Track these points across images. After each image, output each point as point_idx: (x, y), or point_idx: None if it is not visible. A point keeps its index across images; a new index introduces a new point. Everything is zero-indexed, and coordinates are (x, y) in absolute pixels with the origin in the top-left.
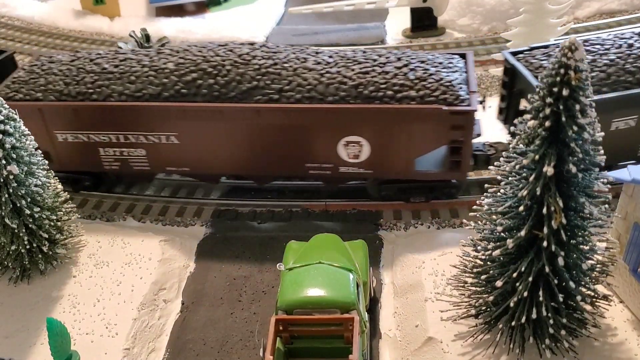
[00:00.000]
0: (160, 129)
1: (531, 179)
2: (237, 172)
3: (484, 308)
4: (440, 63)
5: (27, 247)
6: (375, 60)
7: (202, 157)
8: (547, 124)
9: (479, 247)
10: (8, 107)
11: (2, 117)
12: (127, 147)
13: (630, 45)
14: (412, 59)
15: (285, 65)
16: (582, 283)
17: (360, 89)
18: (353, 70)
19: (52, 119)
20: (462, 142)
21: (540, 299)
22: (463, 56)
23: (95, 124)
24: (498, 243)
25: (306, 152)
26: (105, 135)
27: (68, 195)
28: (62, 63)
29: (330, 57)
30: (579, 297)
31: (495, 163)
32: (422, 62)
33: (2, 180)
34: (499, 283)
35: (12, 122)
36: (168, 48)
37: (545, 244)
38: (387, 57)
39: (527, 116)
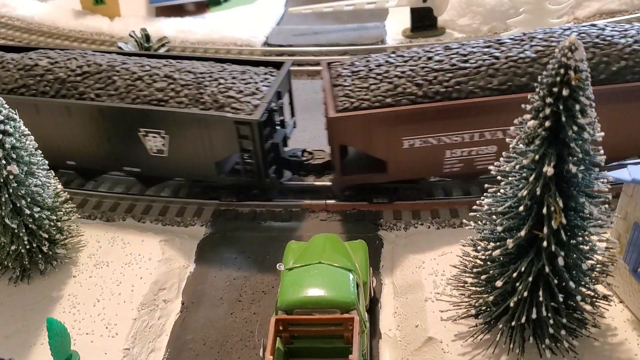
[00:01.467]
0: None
1: (531, 179)
2: None
3: (484, 308)
4: None
5: (27, 247)
6: None
7: None
8: (547, 124)
9: (479, 247)
10: (8, 107)
11: (2, 117)
12: (478, 145)
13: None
14: None
15: None
16: (582, 283)
17: None
18: None
19: (405, 125)
20: None
21: (540, 299)
22: None
23: (453, 124)
24: (498, 243)
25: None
26: (459, 135)
27: (68, 195)
28: (381, 65)
29: None
30: (579, 297)
31: (496, 163)
32: None
33: (2, 180)
34: (499, 283)
35: (12, 122)
36: (507, 38)
37: (545, 244)
38: None
39: (527, 116)
